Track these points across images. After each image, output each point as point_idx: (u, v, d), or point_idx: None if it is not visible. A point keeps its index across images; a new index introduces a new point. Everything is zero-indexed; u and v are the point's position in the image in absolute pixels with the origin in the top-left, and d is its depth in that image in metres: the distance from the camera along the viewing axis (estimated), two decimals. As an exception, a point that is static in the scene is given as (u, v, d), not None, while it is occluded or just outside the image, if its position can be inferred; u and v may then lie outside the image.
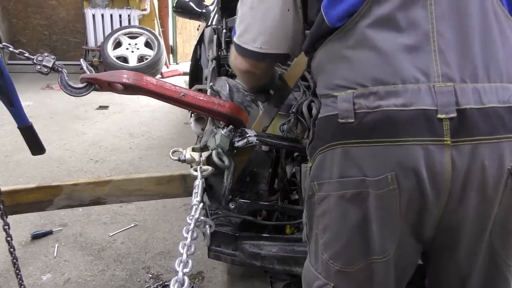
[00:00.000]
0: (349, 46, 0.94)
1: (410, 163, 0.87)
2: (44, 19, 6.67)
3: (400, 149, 0.88)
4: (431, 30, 0.89)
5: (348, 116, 0.91)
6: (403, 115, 0.87)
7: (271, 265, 1.49)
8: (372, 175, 0.91)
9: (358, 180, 0.92)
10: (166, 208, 2.79)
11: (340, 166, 0.94)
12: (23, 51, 1.36)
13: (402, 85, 0.88)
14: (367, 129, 0.90)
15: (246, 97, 1.99)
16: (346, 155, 0.93)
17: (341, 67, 0.96)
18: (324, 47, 0.99)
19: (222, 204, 1.56)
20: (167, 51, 6.85)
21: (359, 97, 0.91)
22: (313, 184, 1.01)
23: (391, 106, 0.88)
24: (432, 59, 0.89)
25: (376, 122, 0.89)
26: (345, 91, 0.93)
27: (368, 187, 0.91)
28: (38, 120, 4.34)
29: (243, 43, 1.12)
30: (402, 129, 0.87)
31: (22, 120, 1.47)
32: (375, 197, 0.92)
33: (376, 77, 0.90)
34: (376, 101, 0.89)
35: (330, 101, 0.97)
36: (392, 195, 0.90)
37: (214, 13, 2.97)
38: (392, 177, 0.89)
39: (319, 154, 0.99)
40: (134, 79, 1.34)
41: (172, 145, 1.92)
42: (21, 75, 5.36)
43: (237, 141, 1.42)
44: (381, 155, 0.89)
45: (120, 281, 2.14)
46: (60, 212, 2.61)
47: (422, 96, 0.87)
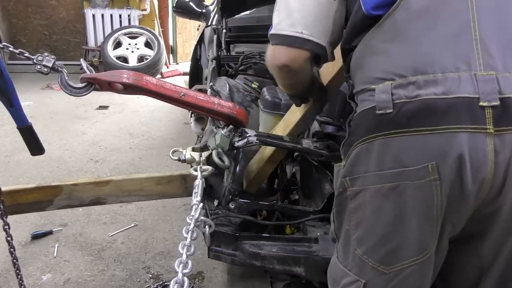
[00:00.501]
0: (387, 39, 0.94)
1: (451, 151, 0.86)
2: (44, 19, 6.67)
3: (440, 137, 0.87)
4: (472, 19, 0.89)
5: (386, 106, 0.91)
6: (443, 103, 0.87)
7: (271, 265, 1.49)
8: (411, 165, 0.89)
9: (396, 172, 0.91)
10: (166, 208, 2.79)
11: (378, 159, 0.93)
12: (23, 51, 1.36)
13: (441, 74, 0.88)
14: (406, 119, 0.89)
15: (246, 97, 1.99)
16: (384, 147, 0.92)
17: (379, 61, 0.96)
18: (362, 43, 0.99)
19: (222, 204, 1.56)
20: (167, 51, 6.85)
21: (397, 87, 0.91)
22: (345, 180, 1.00)
23: (430, 94, 0.88)
24: (473, 48, 0.88)
25: (415, 111, 0.89)
26: (383, 82, 0.93)
27: (407, 178, 0.90)
28: (38, 120, 4.34)
29: (280, 30, 1.06)
30: (442, 117, 0.87)
31: (21, 121, 1.47)
32: (414, 189, 0.90)
33: (415, 67, 0.90)
34: (415, 90, 0.89)
35: (367, 95, 0.96)
36: (432, 185, 0.89)
37: (214, 13, 2.97)
38: (433, 167, 0.87)
39: (354, 149, 0.98)
40: (134, 79, 1.34)
41: (172, 145, 1.92)
42: (21, 75, 5.36)
43: (237, 141, 1.42)
44: (421, 144, 0.89)
45: (120, 281, 2.14)
46: (60, 212, 2.61)
47: (463, 85, 0.86)
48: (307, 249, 1.48)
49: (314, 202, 1.61)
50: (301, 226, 1.62)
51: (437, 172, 0.87)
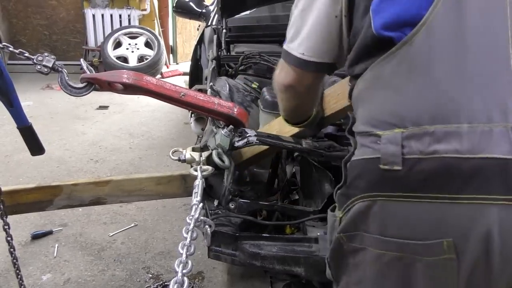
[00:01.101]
0: (401, 73, 0.76)
1: (476, 228, 0.69)
2: (44, 19, 6.67)
3: (462, 209, 0.70)
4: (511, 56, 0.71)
5: (394, 162, 0.73)
6: (468, 165, 0.69)
7: (271, 265, 1.49)
8: (420, 238, 0.73)
9: (401, 242, 0.75)
10: (166, 208, 2.79)
11: (380, 222, 0.78)
12: (23, 51, 1.36)
13: (468, 124, 0.70)
14: (418, 181, 0.72)
15: (246, 97, 1.99)
16: (387, 211, 0.77)
17: (389, 99, 0.78)
18: (370, 71, 0.82)
19: (222, 204, 1.56)
20: (167, 51, 6.85)
21: (410, 138, 0.73)
22: (340, 237, 0.86)
23: (451, 152, 0.70)
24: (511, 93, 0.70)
25: (430, 172, 0.71)
26: (392, 129, 0.75)
27: (415, 252, 0.75)
28: (38, 120, 4.34)
29: (290, 49, 0.98)
30: (466, 183, 0.69)
31: (21, 121, 1.47)
32: (424, 266, 0.75)
33: (433, 113, 0.72)
34: (433, 144, 0.71)
35: (369, 141, 0.79)
36: (448, 266, 0.73)
37: (214, 13, 2.97)
38: (449, 244, 0.71)
39: (354, 205, 0.82)
40: (134, 79, 1.34)
41: (172, 145, 1.91)
42: (21, 75, 5.36)
43: (237, 141, 1.42)
44: (435, 215, 0.72)
45: (120, 281, 2.14)
46: (60, 212, 2.61)
47: (495, 141, 0.68)
48: (307, 249, 1.48)
49: (314, 202, 1.61)
50: (301, 226, 1.62)
51: (454, 250, 0.71)
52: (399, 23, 0.77)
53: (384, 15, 0.78)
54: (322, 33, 0.94)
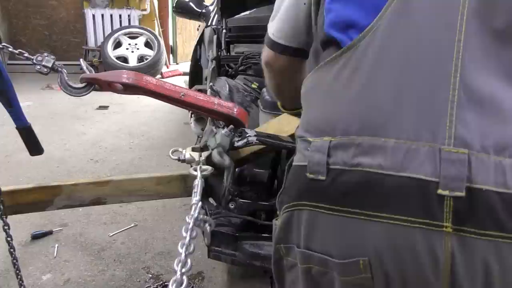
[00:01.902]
0: (341, 79, 0.73)
1: (392, 249, 0.66)
2: (44, 19, 6.67)
3: (379, 227, 0.66)
4: (454, 73, 0.66)
5: (319, 171, 0.71)
6: (389, 182, 0.65)
7: (271, 265, 1.49)
8: (337, 256, 0.70)
9: (323, 258, 0.72)
10: (166, 208, 2.79)
11: (305, 234, 0.74)
12: (22, 51, 1.36)
13: (395, 140, 0.66)
14: (340, 193, 0.69)
15: (246, 97, 1.99)
16: (311, 222, 0.73)
17: (324, 105, 0.75)
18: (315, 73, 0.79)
19: (222, 204, 1.56)
20: (167, 51, 6.85)
21: (337, 147, 0.70)
22: (280, 248, 0.82)
23: (375, 167, 0.66)
24: (446, 113, 0.65)
25: (353, 185, 0.68)
26: (322, 137, 0.72)
27: (334, 270, 0.71)
28: (38, 120, 4.34)
29: (268, 27, 1.00)
30: (385, 201, 0.66)
31: (20, 121, 1.47)
32: (341, 284, 0.72)
33: (363, 124, 0.69)
34: (358, 156, 0.68)
35: (303, 147, 0.77)
36: (365, 285, 0.69)
37: (214, 13, 2.97)
38: (365, 264, 0.67)
39: (285, 212, 0.79)
40: (134, 79, 1.34)
41: (172, 145, 1.91)
42: (21, 75, 5.36)
43: (237, 141, 1.42)
44: (352, 231, 0.68)
45: (120, 281, 2.14)
46: (60, 212, 2.61)
47: (420, 161, 0.64)
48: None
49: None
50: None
51: (369, 270, 0.67)
52: (347, 24, 0.75)
53: (334, 14, 0.77)
54: (290, 17, 0.93)
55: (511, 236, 0.62)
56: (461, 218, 0.63)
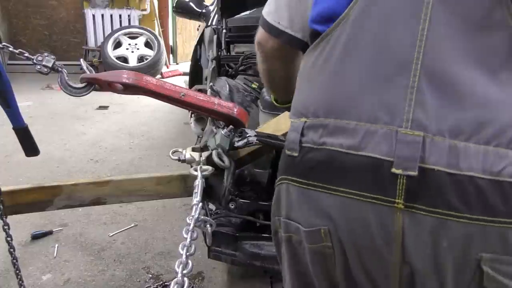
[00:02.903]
0: (317, 64, 0.80)
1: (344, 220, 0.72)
2: (44, 19, 6.67)
3: (337, 200, 0.73)
4: (415, 60, 0.70)
5: (293, 148, 0.79)
6: (348, 160, 0.72)
7: (271, 265, 1.49)
8: (304, 224, 0.78)
9: (296, 226, 0.80)
10: (166, 208, 2.79)
11: (286, 205, 0.83)
12: (23, 51, 1.35)
13: (356, 122, 0.72)
14: (307, 168, 0.77)
15: (246, 97, 1.99)
16: (289, 194, 0.81)
17: (304, 90, 0.83)
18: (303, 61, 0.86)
19: (222, 204, 1.56)
20: (167, 51, 6.86)
21: (309, 128, 0.78)
22: (275, 220, 0.89)
23: (336, 145, 0.73)
24: (405, 97, 0.69)
25: (317, 161, 0.76)
26: (300, 118, 0.81)
27: (303, 238, 0.79)
28: (38, 120, 4.34)
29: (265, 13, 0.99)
30: (343, 177, 0.72)
31: (17, 121, 1.47)
32: (310, 251, 0.79)
33: (329, 108, 0.76)
34: (324, 136, 0.75)
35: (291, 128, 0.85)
36: (326, 253, 0.76)
37: (214, 13, 2.97)
38: (325, 232, 0.74)
39: (276, 187, 0.88)
40: (134, 79, 1.34)
41: (172, 145, 1.91)
42: (21, 75, 5.36)
43: (237, 141, 1.42)
44: (315, 202, 0.76)
45: (120, 281, 2.14)
46: (60, 212, 2.61)
47: (376, 141, 0.70)
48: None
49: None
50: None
51: (329, 239, 0.74)
52: (326, 17, 0.79)
53: (315, 9, 0.82)
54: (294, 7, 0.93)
55: (459, 214, 0.66)
56: (413, 195, 0.67)
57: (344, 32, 0.75)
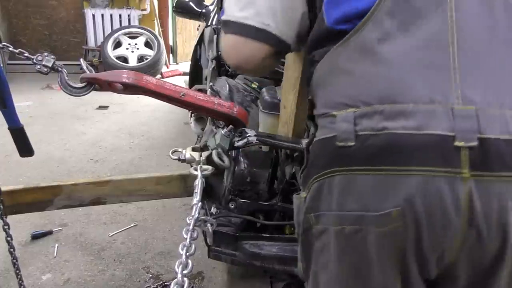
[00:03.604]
0: (354, 59, 0.83)
1: (420, 197, 0.75)
2: (44, 19, 6.67)
3: (409, 179, 0.76)
4: (451, 44, 0.77)
5: (348, 138, 0.79)
6: (414, 140, 0.75)
7: (271, 265, 1.49)
8: (373, 209, 0.78)
9: (357, 215, 0.80)
10: (166, 208, 2.79)
11: (338, 197, 0.82)
12: (23, 51, 1.35)
13: (413, 104, 0.76)
14: (370, 155, 0.78)
15: (246, 97, 1.99)
16: (344, 185, 0.81)
17: (343, 83, 0.84)
18: (326, 58, 0.87)
19: (222, 204, 1.56)
20: (167, 51, 6.86)
21: (361, 116, 0.79)
22: (310, 216, 0.89)
23: (399, 128, 0.76)
24: (450, 77, 0.76)
25: (381, 146, 0.77)
26: (346, 109, 0.81)
27: (369, 223, 0.79)
28: (38, 120, 4.34)
29: (241, 18, 0.94)
30: (412, 156, 0.75)
31: (13, 121, 1.47)
32: (377, 236, 0.80)
33: (383, 95, 0.78)
34: (382, 121, 0.77)
35: (327, 122, 0.85)
36: (397, 233, 0.78)
37: (214, 13, 2.96)
38: (398, 212, 0.76)
39: (314, 183, 0.87)
40: (134, 78, 1.34)
41: (172, 145, 1.90)
42: (21, 75, 5.36)
43: (237, 141, 1.42)
44: (385, 186, 0.77)
45: (120, 281, 2.14)
46: (60, 212, 2.61)
47: (437, 119, 0.74)
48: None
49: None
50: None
51: (402, 219, 0.76)
52: (351, 17, 0.83)
53: (338, 13, 0.85)
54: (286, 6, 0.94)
55: None
56: (476, 164, 0.73)
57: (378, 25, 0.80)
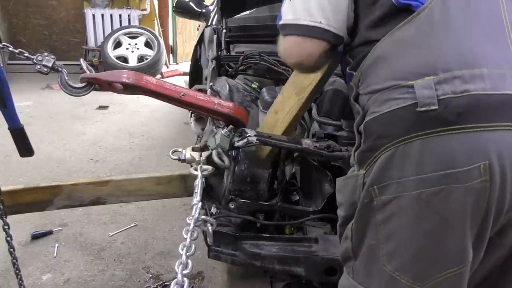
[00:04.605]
0: (425, 32, 0.89)
1: (506, 150, 0.82)
2: (44, 19, 6.67)
3: (494, 134, 0.83)
4: (505, 20, 0.89)
5: (431, 103, 0.84)
6: (493, 100, 0.84)
7: (271, 265, 1.49)
8: (460, 166, 0.83)
9: (441, 175, 0.84)
10: (166, 208, 2.79)
11: (418, 161, 0.86)
12: (23, 51, 1.36)
13: (487, 69, 0.85)
14: (455, 115, 0.83)
15: (246, 97, 1.99)
16: (426, 147, 0.85)
17: (416, 55, 0.90)
18: (390, 37, 0.92)
19: (222, 204, 1.56)
20: (167, 51, 6.85)
21: (441, 82, 0.85)
22: (372, 189, 0.91)
23: (479, 90, 0.84)
24: (510, 49, 0.88)
25: (464, 107, 0.83)
26: (423, 78, 0.86)
27: (455, 181, 0.84)
28: (38, 120, 4.34)
29: (297, 19, 1.01)
30: (494, 114, 0.83)
31: (13, 121, 1.47)
32: (462, 192, 0.84)
33: (460, 61, 0.86)
34: (463, 85, 0.84)
35: (399, 92, 0.88)
36: (483, 188, 0.83)
37: (214, 13, 2.97)
38: (485, 167, 0.82)
39: (383, 154, 0.89)
40: (134, 78, 1.34)
41: (172, 145, 1.90)
42: (21, 75, 5.35)
43: (237, 141, 1.42)
44: (473, 142, 0.83)
45: (120, 281, 2.14)
46: (60, 212, 2.61)
47: (508, 82, 0.85)
48: (307, 249, 1.48)
49: (314, 202, 1.61)
50: (301, 226, 1.62)
51: (489, 172, 0.82)
52: None
53: None
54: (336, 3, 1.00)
55: None
56: None
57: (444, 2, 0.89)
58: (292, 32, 1.03)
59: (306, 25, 1.00)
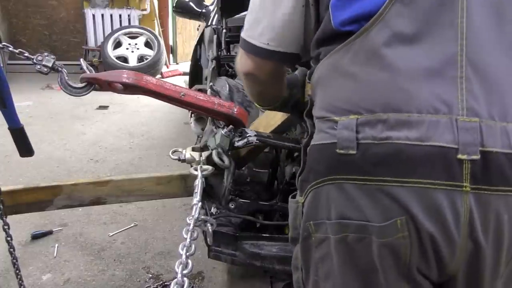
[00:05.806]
0: (358, 62, 0.80)
1: (423, 209, 0.74)
2: (44, 19, 6.67)
3: (411, 191, 0.74)
4: (459, 52, 0.75)
5: (349, 146, 0.77)
6: (416, 151, 0.74)
7: (271, 265, 1.49)
8: (376, 220, 0.77)
9: (361, 224, 0.78)
10: (166, 208, 2.79)
11: (338, 206, 0.81)
12: (23, 51, 1.35)
13: (418, 114, 0.74)
14: (372, 164, 0.76)
15: (246, 97, 1.99)
16: (344, 193, 0.79)
17: (345, 86, 0.82)
18: (329, 59, 0.85)
19: (222, 204, 1.56)
20: (167, 51, 6.85)
21: (364, 124, 0.77)
22: (309, 225, 0.87)
23: (402, 138, 0.74)
24: (457, 88, 0.74)
25: (383, 156, 0.75)
26: (348, 116, 0.79)
27: (372, 234, 0.78)
28: (38, 120, 4.34)
29: (248, 37, 0.99)
30: (414, 168, 0.74)
31: (13, 121, 1.47)
32: (380, 246, 0.78)
33: (387, 102, 0.76)
34: (385, 131, 0.75)
35: (327, 127, 0.83)
36: (401, 243, 0.77)
37: (214, 13, 2.97)
38: (402, 223, 0.75)
39: (312, 190, 0.85)
40: (134, 78, 1.34)
41: (172, 145, 1.90)
42: (21, 75, 5.35)
43: (237, 141, 1.42)
44: (388, 197, 0.76)
45: (120, 281, 2.14)
46: (60, 212, 2.61)
47: (441, 131, 0.73)
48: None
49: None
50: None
51: (406, 228, 0.75)
52: (357, 18, 0.81)
53: (343, 13, 0.83)
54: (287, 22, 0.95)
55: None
56: (477, 178, 0.73)
57: (384, 28, 0.78)
58: (243, 47, 1.02)
59: (255, 44, 0.98)
